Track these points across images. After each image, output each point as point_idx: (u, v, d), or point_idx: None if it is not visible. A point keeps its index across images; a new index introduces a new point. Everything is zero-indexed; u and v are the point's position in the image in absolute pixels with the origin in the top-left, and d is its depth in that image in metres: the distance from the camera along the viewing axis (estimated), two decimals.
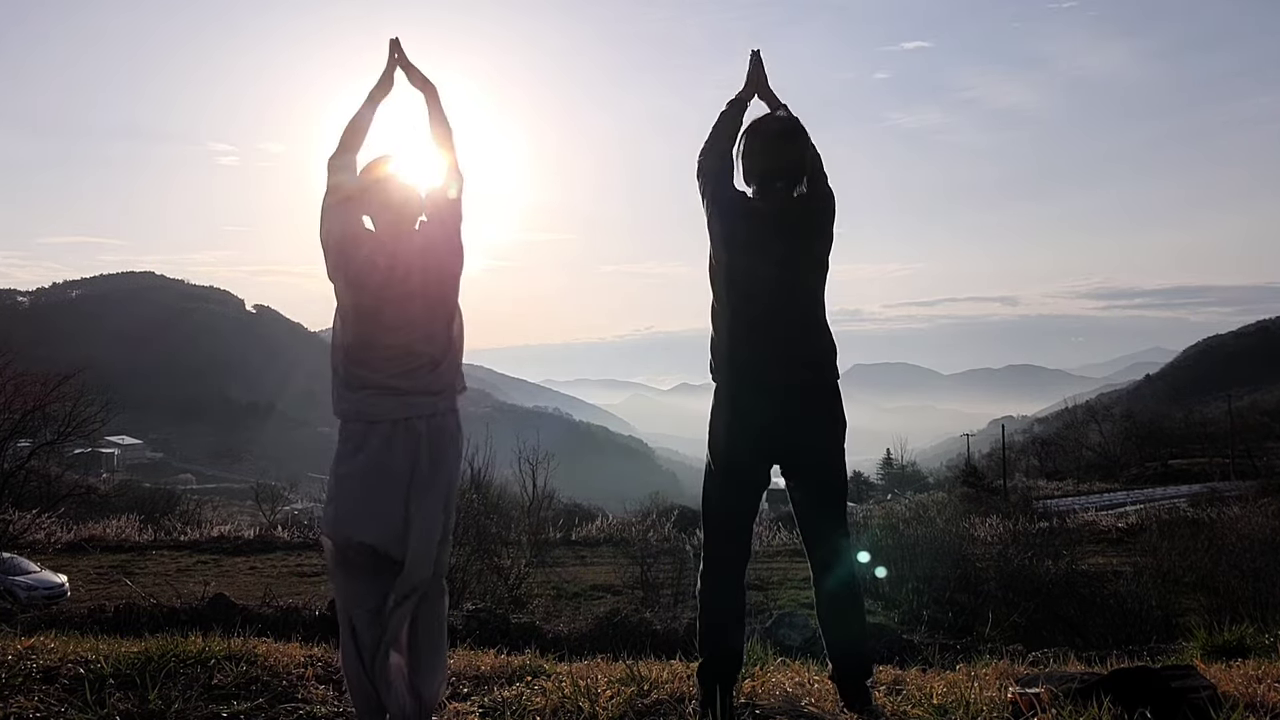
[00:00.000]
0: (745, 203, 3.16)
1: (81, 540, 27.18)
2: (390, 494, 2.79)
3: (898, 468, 70.27)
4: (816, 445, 3.10)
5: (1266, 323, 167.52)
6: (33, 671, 3.51)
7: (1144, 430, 69.85)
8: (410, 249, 2.92)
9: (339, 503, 2.82)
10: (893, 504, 30.13)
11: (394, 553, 2.77)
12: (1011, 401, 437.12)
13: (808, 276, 3.13)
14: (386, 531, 2.78)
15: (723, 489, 3.11)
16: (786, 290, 3.08)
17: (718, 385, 3.14)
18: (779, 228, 3.09)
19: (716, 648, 3.02)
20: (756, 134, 3.18)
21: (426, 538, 2.80)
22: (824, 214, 3.16)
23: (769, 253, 3.07)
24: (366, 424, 2.85)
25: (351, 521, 2.79)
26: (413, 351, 2.88)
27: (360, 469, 2.81)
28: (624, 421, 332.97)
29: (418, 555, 2.78)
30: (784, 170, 3.12)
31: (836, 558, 3.13)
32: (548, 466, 30.10)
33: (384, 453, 2.81)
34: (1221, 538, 16.27)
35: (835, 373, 3.16)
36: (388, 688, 2.78)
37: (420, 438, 2.83)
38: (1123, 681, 2.92)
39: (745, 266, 3.09)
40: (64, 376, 25.58)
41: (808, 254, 3.12)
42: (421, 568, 2.79)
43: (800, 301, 3.11)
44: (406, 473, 2.80)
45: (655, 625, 10.34)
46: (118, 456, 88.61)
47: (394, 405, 2.84)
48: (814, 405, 3.08)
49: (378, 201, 2.95)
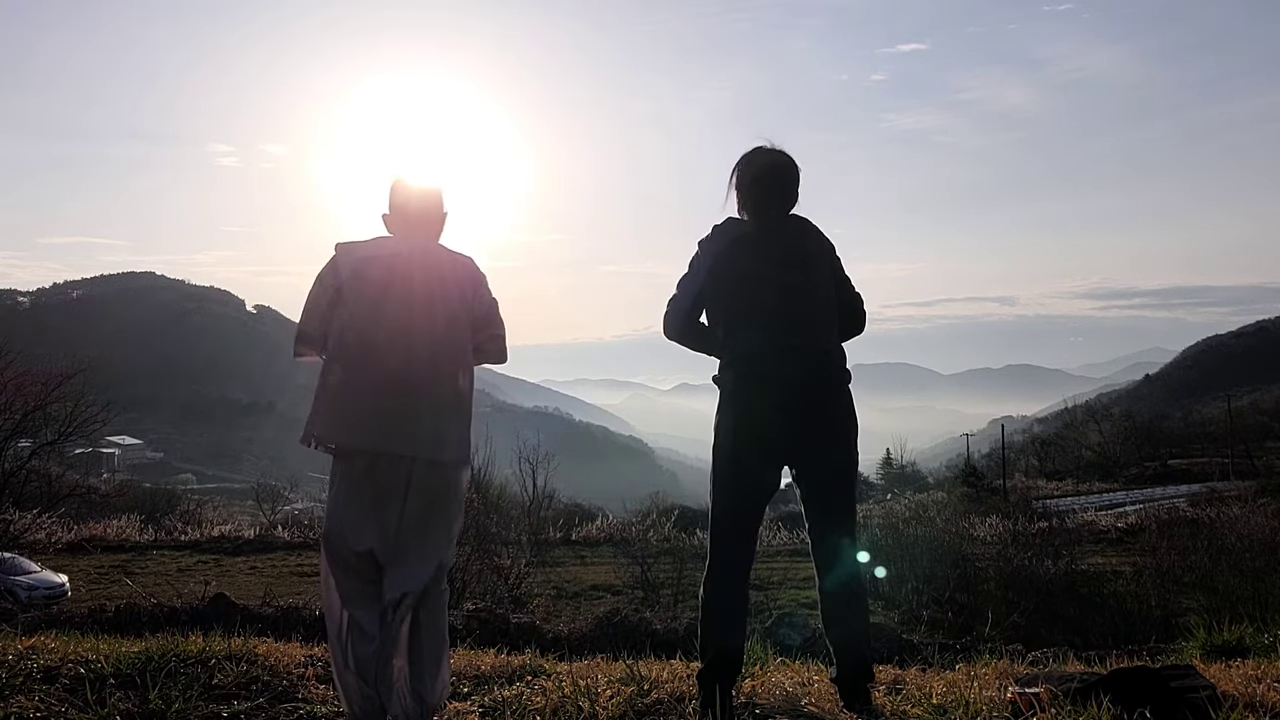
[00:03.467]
0: (739, 225, 3.22)
1: (82, 540, 27.19)
2: (383, 510, 2.81)
3: (897, 468, 70.26)
4: (827, 447, 3.11)
5: (1266, 323, 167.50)
6: (33, 671, 3.51)
7: (1143, 430, 69.82)
8: (415, 248, 2.95)
9: (340, 515, 2.86)
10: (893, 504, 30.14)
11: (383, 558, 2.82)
12: (1011, 401, 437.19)
13: (814, 278, 3.17)
14: (382, 540, 2.82)
15: (731, 493, 3.11)
16: (790, 293, 3.10)
17: (723, 389, 3.14)
18: (780, 236, 3.16)
19: (718, 648, 3.02)
20: (749, 165, 3.26)
21: (419, 558, 2.83)
22: (815, 233, 3.25)
23: (772, 258, 3.12)
24: (357, 455, 2.85)
25: (349, 532, 2.83)
26: (412, 384, 2.84)
27: (352, 487, 2.84)
28: (624, 421, 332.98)
29: (407, 569, 2.81)
30: (780, 189, 3.21)
31: (842, 558, 3.13)
32: (548, 466, 30.13)
33: (371, 479, 2.83)
34: (1221, 538, 16.27)
35: (847, 374, 3.17)
36: (389, 690, 2.78)
37: (413, 480, 2.82)
38: (1122, 681, 2.92)
39: (751, 271, 3.13)
40: (65, 377, 25.57)
41: (812, 260, 3.18)
42: (411, 579, 2.81)
43: (807, 303, 3.13)
44: (399, 502, 2.81)
45: (655, 625, 10.35)
46: (118, 456, 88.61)
47: (391, 440, 2.81)
48: (824, 407, 3.10)
49: (393, 202, 3.04)
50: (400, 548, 2.81)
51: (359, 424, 2.81)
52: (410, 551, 2.82)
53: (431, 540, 2.85)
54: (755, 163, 3.24)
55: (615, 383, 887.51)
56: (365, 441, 2.81)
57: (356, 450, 2.83)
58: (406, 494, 2.81)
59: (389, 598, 2.79)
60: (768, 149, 3.27)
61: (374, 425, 2.79)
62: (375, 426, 2.79)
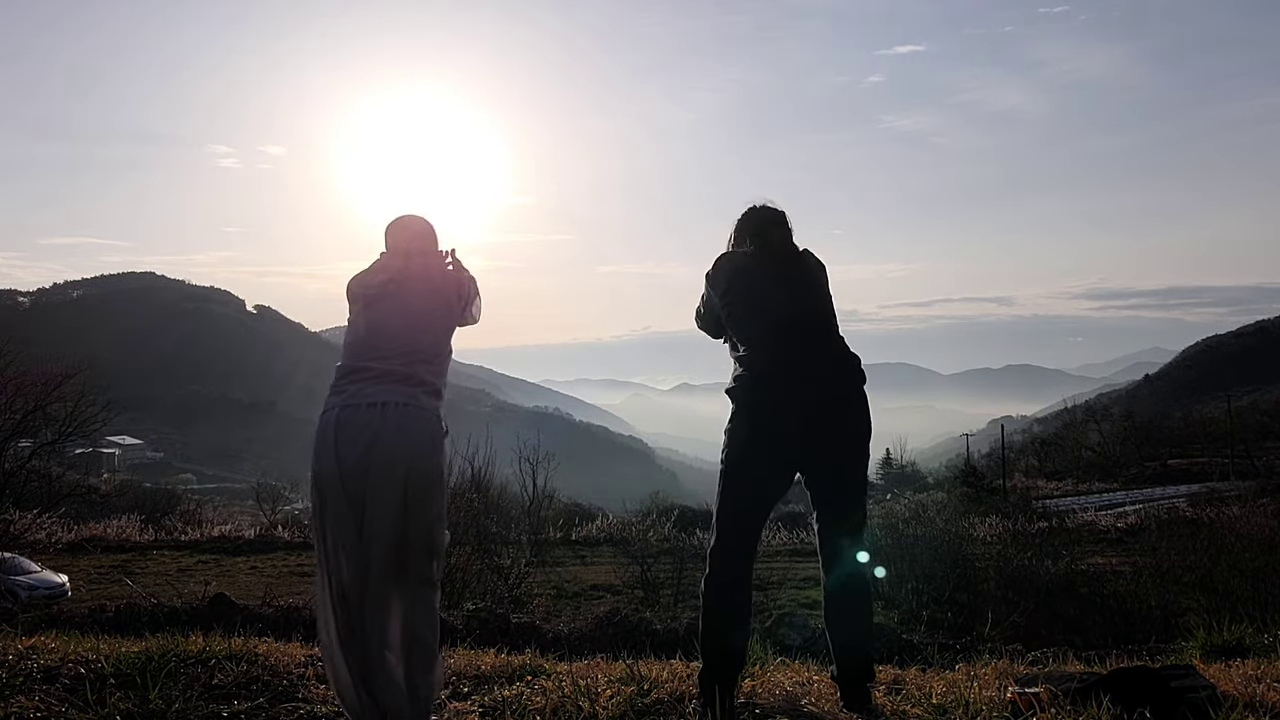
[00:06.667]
0: (743, 256, 3.39)
1: (82, 540, 27.21)
2: (356, 440, 2.84)
3: (897, 467, 70.27)
4: (842, 458, 3.15)
5: (1265, 323, 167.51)
6: (34, 671, 3.51)
7: (1143, 430, 69.83)
8: (413, 256, 3.13)
9: (315, 445, 2.93)
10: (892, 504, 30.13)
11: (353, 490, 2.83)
12: (1010, 401, 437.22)
13: (816, 286, 3.33)
14: (348, 465, 2.83)
15: (739, 498, 3.13)
16: (803, 304, 3.24)
17: (738, 400, 3.17)
18: (785, 258, 3.35)
19: (718, 648, 3.03)
20: (749, 220, 3.47)
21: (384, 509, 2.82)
22: (815, 263, 3.43)
23: (782, 279, 3.28)
24: (336, 408, 2.92)
25: (319, 456, 2.88)
26: (403, 335, 3.02)
27: (330, 422, 2.90)
28: (624, 421, 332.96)
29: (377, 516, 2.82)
30: (779, 232, 3.42)
31: (849, 559, 3.16)
32: (548, 466, 30.12)
33: (352, 415, 2.88)
34: (1220, 537, 16.24)
35: (861, 377, 3.22)
36: (382, 687, 2.79)
37: (386, 420, 2.85)
38: (1122, 681, 2.92)
39: (759, 289, 3.25)
40: (65, 377, 25.53)
41: (815, 279, 3.35)
42: (382, 539, 2.82)
43: (817, 315, 3.26)
44: (369, 440, 2.83)
45: (655, 625, 10.34)
46: (119, 456, 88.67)
47: (373, 391, 2.90)
48: (842, 416, 3.14)
49: (390, 233, 3.20)
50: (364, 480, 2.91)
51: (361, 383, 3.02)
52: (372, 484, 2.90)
53: (393, 486, 2.93)
54: (754, 218, 3.46)
55: (615, 383, 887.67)
56: (365, 396, 2.98)
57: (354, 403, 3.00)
58: (378, 437, 2.93)
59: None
60: (760, 206, 3.50)
61: (371, 379, 3.00)
62: (372, 379, 3.00)
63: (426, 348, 3.01)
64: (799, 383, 3.08)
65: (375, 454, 2.82)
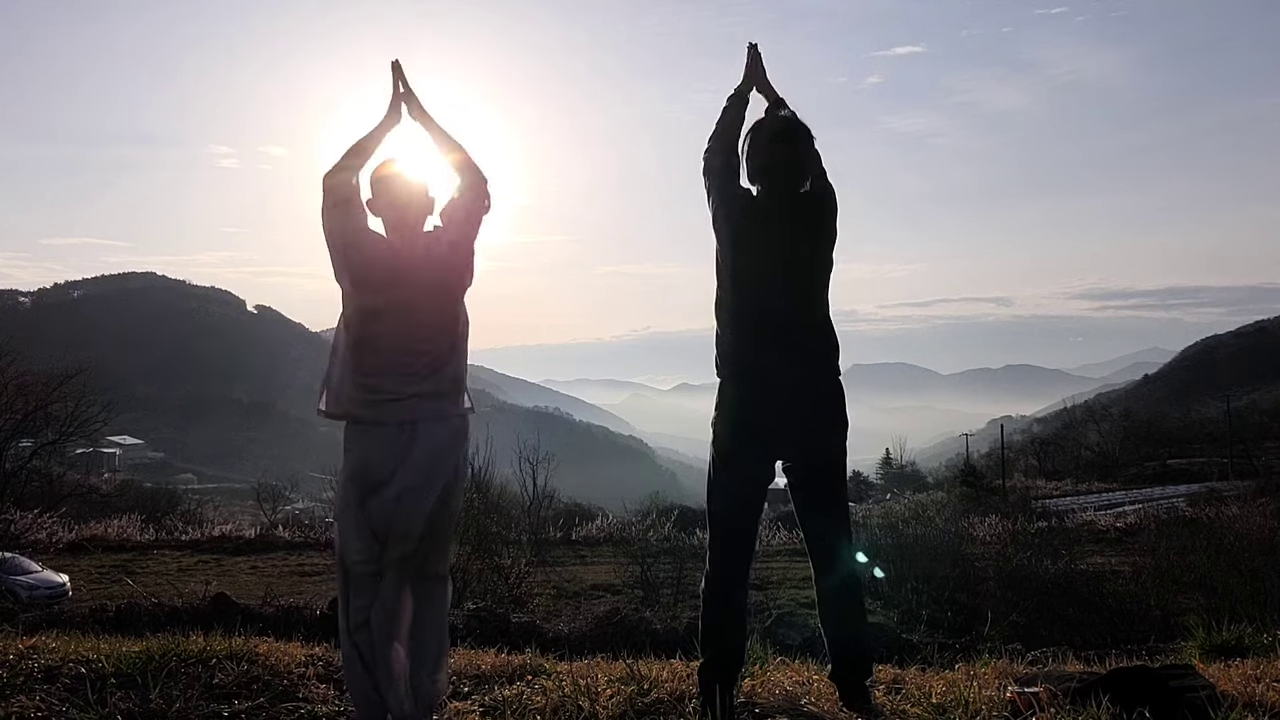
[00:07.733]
0: (750, 201, 3.18)
1: (83, 540, 27.23)
2: (378, 494, 2.84)
3: (897, 467, 70.28)
4: (819, 444, 3.10)
5: (1264, 323, 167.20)
6: (34, 671, 3.51)
7: (1142, 430, 69.74)
8: (415, 249, 2.92)
9: (341, 522, 2.92)
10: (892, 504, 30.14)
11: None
12: (1010, 401, 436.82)
13: (812, 275, 3.15)
14: (375, 544, 2.86)
15: (727, 487, 3.10)
16: (791, 289, 3.09)
17: (721, 382, 3.14)
18: (783, 226, 3.11)
19: (717, 647, 3.03)
20: (760, 132, 3.21)
21: (409, 517, 2.84)
22: (827, 211, 3.19)
23: (773, 252, 3.09)
24: (364, 427, 2.88)
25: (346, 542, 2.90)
26: (413, 351, 2.88)
27: (353, 469, 2.87)
28: (624, 421, 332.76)
29: (401, 531, 2.85)
30: (787, 168, 3.15)
31: (837, 556, 3.13)
32: (548, 466, 30.16)
33: (375, 453, 2.86)
34: (1220, 537, 16.24)
35: (837, 370, 3.15)
36: (390, 684, 2.79)
37: (416, 441, 2.85)
38: (1121, 681, 2.92)
39: (750, 266, 3.10)
40: (66, 377, 25.54)
41: (812, 253, 3.14)
42: (404, 541, 2.84)
43: (804, 300, 3.13)
44: (392, 472, 2.83)
45: (655, 624, 10.33)
46: (119, 456, 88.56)
47: (393, 410, 2.85)
48: (816, 403, 3.08)
49: (383, 200, 2.95)
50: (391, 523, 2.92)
51: (377, 401, 2.94)
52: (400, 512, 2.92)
53: (428, 493, 2.96)
54: (763, 134, 3.19)
55: (615, 383, 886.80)
56: (385, 415, 2.92)
57: (381, 422, 2.94)
58: (404, 460, 2.91)
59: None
60: (773, 118, 3.25)
61: (390, 399, 2.93)
62: (391, 400, 2.93)
63: (444, 352, 2.95)
64: (774, 378, 3.02)
65: (412, 463, 2.85)
